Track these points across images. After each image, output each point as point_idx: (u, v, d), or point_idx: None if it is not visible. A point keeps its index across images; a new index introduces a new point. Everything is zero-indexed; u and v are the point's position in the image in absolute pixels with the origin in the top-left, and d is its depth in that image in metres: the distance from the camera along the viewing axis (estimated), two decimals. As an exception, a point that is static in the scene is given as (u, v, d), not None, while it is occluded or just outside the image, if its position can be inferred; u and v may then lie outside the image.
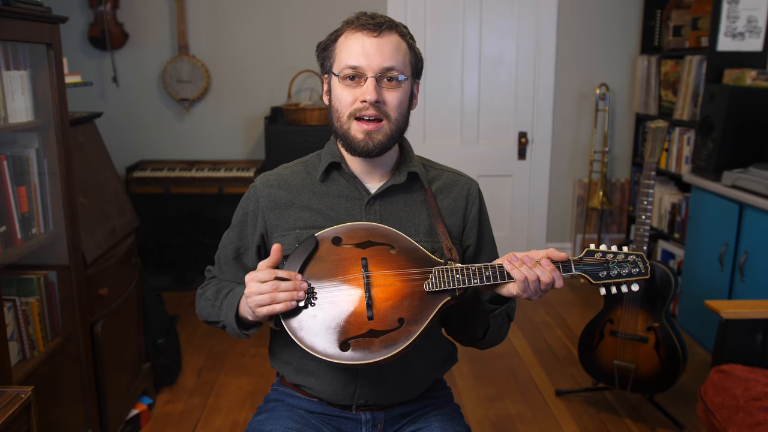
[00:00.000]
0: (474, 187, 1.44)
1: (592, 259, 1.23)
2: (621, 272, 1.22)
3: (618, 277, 1.22)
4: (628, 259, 1.23)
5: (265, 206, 1.38)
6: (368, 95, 1.25)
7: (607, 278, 1.22)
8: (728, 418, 1.77)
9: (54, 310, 2.01)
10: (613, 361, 2.52)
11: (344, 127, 1.29)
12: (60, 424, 2.02)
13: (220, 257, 1.47)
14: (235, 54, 4.02)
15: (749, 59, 3.25)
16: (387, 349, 1.17)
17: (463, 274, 1.21)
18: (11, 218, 1.81)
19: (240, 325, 1.32)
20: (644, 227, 2.43)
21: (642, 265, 1.22)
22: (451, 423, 1.39)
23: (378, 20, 1.28)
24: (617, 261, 1.22)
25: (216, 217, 3.88)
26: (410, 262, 1.23)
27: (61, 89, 1.98)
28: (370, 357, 1.17)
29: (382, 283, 1.21)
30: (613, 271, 1.22)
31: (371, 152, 1.29)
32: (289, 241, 1.34)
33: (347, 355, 1.17)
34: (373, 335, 1.18)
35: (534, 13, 4.03)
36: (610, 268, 1.22)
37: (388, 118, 1.28)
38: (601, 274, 1.22)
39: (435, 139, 4.15)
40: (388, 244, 1.24)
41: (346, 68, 1.27)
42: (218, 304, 1.37)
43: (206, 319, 1.42)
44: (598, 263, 1.22)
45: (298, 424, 1.36)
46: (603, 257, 1.23)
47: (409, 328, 1.19)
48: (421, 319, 1.20)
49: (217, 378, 2.92)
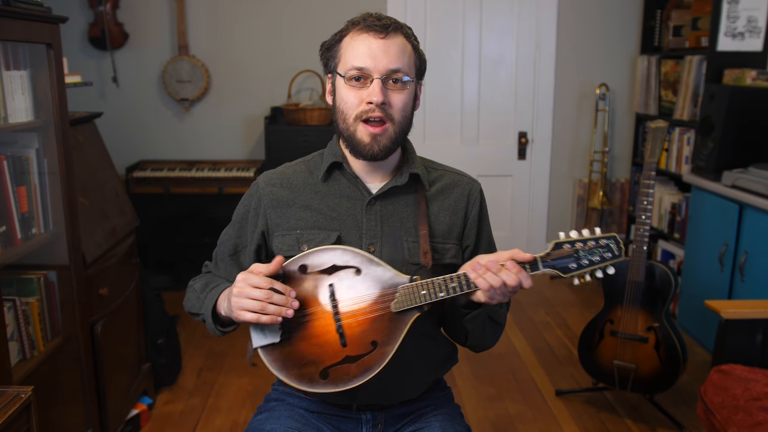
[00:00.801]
0: (476, 187, 1.44)
1: (560, 252, 1.19)
2: (592, 260, 1.18)
3: (590, 265, 1.18)
4: (600, 243, 1.18)
5: (267, 204, 1.38)
6: (375, 97, 1.25)
7: (578, 269, 1.18)
8: (728, 418, 1.77)
9: (54, 310, 2.01)
10: (613, 361, 2.52)
11: (350, 129, 1.29)
12: (60, 424, 2.02)
13: (218, 253, 1.47)
14: (235, 54, 4.02)
15: (749, 59, 3.25)
16: (365, 374, 1.21)
17: (428, 290, 1.20)
18: (11, 218, 1.81)
19: (215, 321, 1.33)
20: (644, 227, 2.43)
21: (615, 247, 1.18)
22: (451, 423, 1.39)
23: (384, 22, 1.27)
24: (588, 249, 1.18)
25: (216, 217, 3.88)
26: (376, 284, 1.23)
27: (61, 89, 1.98)
28: (349, 383, 1.22)
29: (350, 308, 1.23)
30: (583, 261, 1.18)
31: (377, 156, 1.29)
32: (289, 241, 1.34)
33: (327, 383, 1.22)
34: (350, 361, 1.22)
35: (534, 13, 4.03)
36: (580, 257, 1.18)
37: (393, 121, 1.29)
38: (571, 266, 1.18)
39: (435, 139, 4.16)
40: (354, 266, 1.24)
41: (352, 69, 1.27)
42: (203, 296, 1.37)
43: (190, 310, 1.42)
44: (566, 255, 1.18)
45: (298, 424, 1.36)
46: (572, 247, 1.19)
47: (382, 350, 1.21)
48: (393, 339, 1.21)
49: (217, 378, 2.92)
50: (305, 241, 1.33)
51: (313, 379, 1.23)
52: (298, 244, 1.33)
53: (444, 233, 1.37)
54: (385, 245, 1.33)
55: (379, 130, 1.27)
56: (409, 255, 1.33)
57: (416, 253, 1.33)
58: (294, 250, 1.33)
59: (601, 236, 1.19)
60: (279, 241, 1.36)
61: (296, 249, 1.33)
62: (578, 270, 1.18)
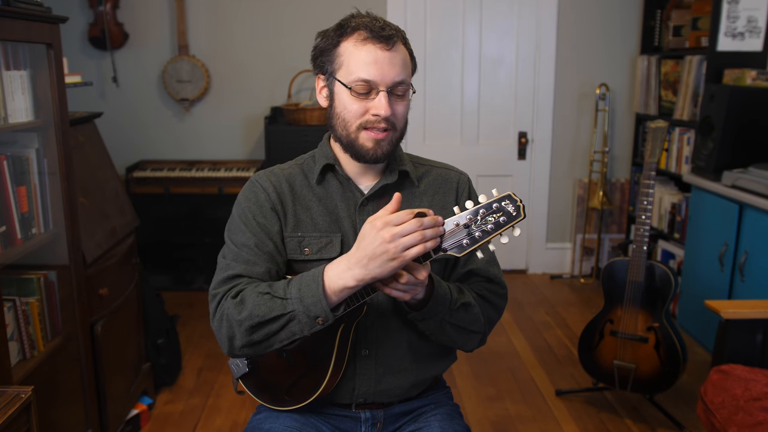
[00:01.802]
0: (463, 179, 1.45)
1: (450, 231, 1.10)
2: (486, 229, 1.08)
3: (485, 235, 1.08)
4: (492, 208, 1.08)
5: (275, 200, 1.34)
6: (382, 110, 1.25)
7: (473, 243, 1.09)
8: (728, 418, 1.77)
9: (54, 310, 2.01)
10: (613, 361, 2.52)
11: (352, 136, 1.29)
12: (60, 424, 2.02)
13: (243, 257, 1.29)
14: (235, 54, 4.02)
15: (749, 59, 3.25)
16: (315, 387, 1.31)
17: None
18: (11, 218, 1.81)
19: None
20: (644, 227, 2.43)
21: (512, 207, 1.08)
22: (450, 422, 1.39)
23: (388, 32, 1.26)
24: (479, 221, 1.08)
25: (216, 217, 3.89)
26: None
27: (61, 89, 1.98)
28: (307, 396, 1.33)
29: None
30: (476, 233, 1.09)
31: (379, 159, 1.31)
32: (292, 245, 1.33)
33: (291, 400, 1.35)
34: (304, 377, 1.32)
35: (534, 13, 4.03)
36: (472, 231, 1.09)
37: (395, 128, 1.30)
38: (464, 242, 1.09)
39: (435, 139, 4.16)
40: None
41: (358, 81, 1.25)
42: (280, 293, 1.19)
43: (261, 319, 1.18)
44: (456, 233, 1.09)
45: (297, 423, 1.37)
46: (462, 224, 1.09)
47: (324, 361, 1.29)
48: (329, 349, 1.28)
49: (217, 378, 2.92)
50: (306, 245, 1.33)
51: (281, 399, 1.35)
52: (300, 248, 1.33)
53: None
54: None
55: (382, 136, 1.28)
56: None
57: None
58: (296, 253, 1.33)
59: (493, 200, 1.09)
60: (285, 242, 1.35)
61: (298, 252, 1.32)
62: (473, 245, 1.09)
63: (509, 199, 1.08)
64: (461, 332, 1.33)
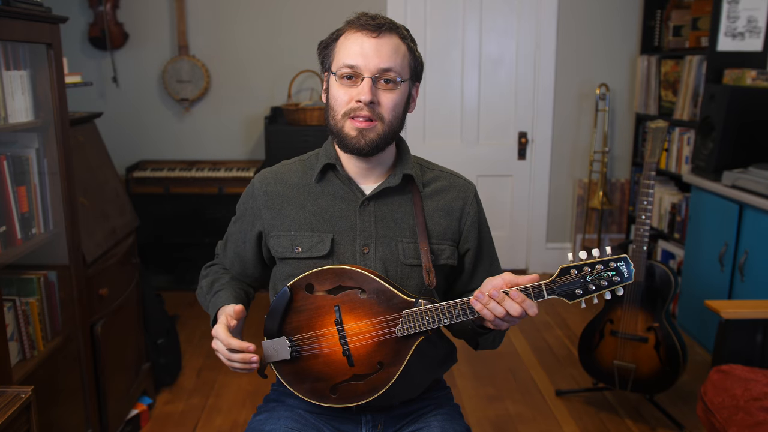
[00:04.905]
0: (471, 189, 1.44)
1: (565, 279, 1.15)
2: (600, 284, 1.13)
3: (597, 290, 1.14)
4: (609, 267, 1.14)
5: (261, 204, 1.39)
6: (363, 95, 1.25)
7: (584, 294, 1.15)
8: (728, 418, 1.77)
9: (54, 310, 2.01)
10: (613, 361, 2.52)
11: (338, 125, 1.30)
12: (60, 424, 2.02)
13: (227, 240, 1.53)
14: (235, 54, 4.02)
15: (749, 59, 3.25)
16: (371, 392, 1.27)
17: (432, 316, 1.22)
18: (11, 218, 1.81)
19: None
20: (644, 227, 2.43)
21: (625, 270, 1.13)
22: (450, 422, 1.39)
23: (379, 21, 1.28)
24: (596, 273, 1.14)
25: (216, 217, 3.88)
26: (380, 306, 1.24)
27: (61, 89, 1.98)
28: (357, 399, 1.28)
29: (356, 331, 1.25)
30: (590, 286, 1.14)
31: (363, 150, 1.29)
32: (284, 243, 1.35)
33: (337, 398, 1.28)
34: (357, 379, 1.27)
35: (534, 13, 4.03)
36: (587, 282, 1.14)
37: (382, 120, 1.28)
38: (577, 291, 1.15)
39: (435, 139, 4.15)
40: (358, 287, 1.25)
41: (343, 67, 1.27)
42: (208, 298, 1.44)
43: (201, 303, 1.49)
44: (572, 281, 1.15)
45: (298, 424, 1.36)
46: (579, 273, 1.14)
47: (388, 370, 1.25)
48: (399, 360, 1.25)
49: (217, 378, 2.92)
50: (299, 244, 1.33)
51: (324, 394, 1.29)
52: (292, 246, 1.34)
53: (439, 234, 1.37)
54: (379, 246, 1.33)
55: (365, 125, 1.27)
56: (404, 256, 1.33)
57: (411, 254, 1.34)
58: (288, 252, 1.34)
59: (610, 258, 1.14)
60: (275, 242, 1.37)
61: (290, 251, 1.34)
62: (584, 295, 1.15)
63: (625, 262, 1.14)
64: (502, 335, 1.41)
